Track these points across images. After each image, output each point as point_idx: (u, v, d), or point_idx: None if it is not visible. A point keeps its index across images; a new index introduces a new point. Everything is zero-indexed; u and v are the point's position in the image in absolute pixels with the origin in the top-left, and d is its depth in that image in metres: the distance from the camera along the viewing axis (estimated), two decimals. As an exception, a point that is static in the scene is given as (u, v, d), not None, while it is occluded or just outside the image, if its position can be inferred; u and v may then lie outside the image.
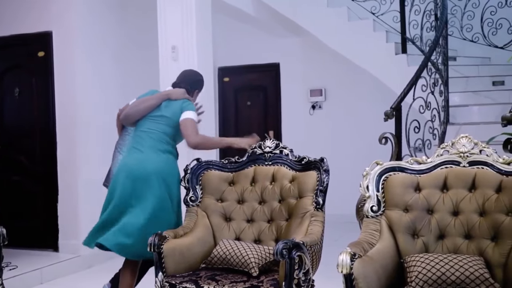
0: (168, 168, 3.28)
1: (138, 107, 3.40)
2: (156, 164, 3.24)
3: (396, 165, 2.78)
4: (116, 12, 5.50)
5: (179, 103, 3.35)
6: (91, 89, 5.21)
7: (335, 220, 4.96)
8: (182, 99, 3.38)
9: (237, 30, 7.08)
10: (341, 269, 2.31)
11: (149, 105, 3.37)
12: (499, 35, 5.50)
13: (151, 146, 3.29)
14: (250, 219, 3.24)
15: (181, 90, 3.43)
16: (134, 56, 5.65)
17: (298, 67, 7.21)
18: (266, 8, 5.96)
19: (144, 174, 3.20)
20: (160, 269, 2.89)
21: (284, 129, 7.34)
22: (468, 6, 5.82)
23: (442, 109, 4.62)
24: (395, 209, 2.67)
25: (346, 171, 5.49)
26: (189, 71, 3.68)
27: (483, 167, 2.63)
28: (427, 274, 2.36)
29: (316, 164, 3.10)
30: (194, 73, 3.66)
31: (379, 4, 5.54)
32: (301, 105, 7.23)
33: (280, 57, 7.32)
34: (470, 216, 2.58)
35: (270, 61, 7.35)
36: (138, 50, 5.68)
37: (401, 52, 5.31)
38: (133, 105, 3.44)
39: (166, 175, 3.25)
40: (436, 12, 5.02)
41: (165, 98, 3.38)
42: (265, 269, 2.88)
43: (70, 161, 5.12)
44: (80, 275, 4.82)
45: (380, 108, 4.14)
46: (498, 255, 2.45)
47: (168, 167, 3.28)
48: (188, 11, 4.57)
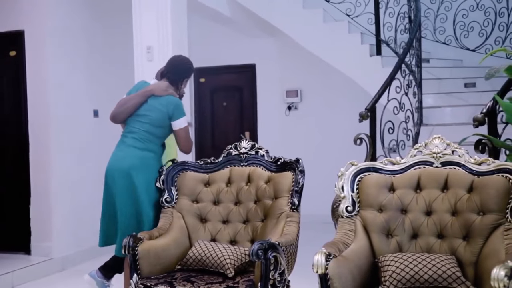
0: (145, 164, 3.29)
1: (123, 106, 3.40)
2: (132, 161, 3.28)
3: (370, 165, 2.81)
4: (90, 11, 5.43)
5: (164, 105, 3.33)
6: (64, 89, 5.13)
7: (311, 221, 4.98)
8: (166, 96, 3.35)
9: (213, 30, 7.07)
10: (316, 269, 2.32)
11: (133, 103, 3.37)
12: (471, 38, 5.61)
13: (131, 145, 3.34)
14: (226, 220, 3.23)
15: (164, 85, 3.40)
16: (109, 55, 5.59)
17: (274, 68, 7.23)
18: (242, 9, 5.96)
19: (122, 172, 3.27)
20: (135, 271, 2.86)
21: (260, 130, 7.34)
22: (440, 9, 5.92)
23: (416, 110, 4.68)
24: (370, 209, 2.70)
25: (322, 171, 5.52)
26: (177, 59, 3.56)
27: (455, 168, 2.67)
28: (400, 273, 2.39)
29: (292, 165, 3.11)
30: (183, 61, 3.54)
31: (354, 6, 5.58)
32: (277, 106, 7.25)
33: (256, 58, 7.33)
34: (443, 215, 2.62)
35: (246, 62, 7.35)
36: (113, 50, 5.62)
37: (376, 54, 5.36)
38: (119, 104, 3.43)
39: (143, 171, 3.27)
40: (410, 15, 5.09)
41: (148, 94, 3.37)
42: (240, 270, 2.88)
43: (43, 162, 5.04)
44: (52, 278, 4.74)
45: (355, 109, 4.18)
46: (470, 254, 2.49)
47: (145, 163, 3.30)
48: (164, 11, 4.54)
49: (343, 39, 5.55)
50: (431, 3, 5.98)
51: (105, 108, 5.50)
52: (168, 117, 3.32)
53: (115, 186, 3.29)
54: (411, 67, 4.68)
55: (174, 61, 3.53)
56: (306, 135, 7.00)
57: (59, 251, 5.00)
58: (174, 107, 3.33)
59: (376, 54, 5.37)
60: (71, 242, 5.11)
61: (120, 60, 5.44)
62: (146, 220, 3.24)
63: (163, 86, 3.39)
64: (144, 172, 3.28)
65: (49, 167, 5.02)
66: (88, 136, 5.34)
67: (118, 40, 5.54)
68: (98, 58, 5.50)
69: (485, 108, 3.28)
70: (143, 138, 3.33)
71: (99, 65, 5.50)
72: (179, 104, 3.36)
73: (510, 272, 2.05)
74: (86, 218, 5.13)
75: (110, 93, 5.56)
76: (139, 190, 3.24)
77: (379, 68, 5.23)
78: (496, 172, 2.54)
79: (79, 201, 5.18)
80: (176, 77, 3.45)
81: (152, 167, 3.32)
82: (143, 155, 3.31)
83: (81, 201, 5.19)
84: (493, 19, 5.43)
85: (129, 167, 3.26)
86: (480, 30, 5.53)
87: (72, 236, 5.13)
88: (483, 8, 5.60)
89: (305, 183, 3.06)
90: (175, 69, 3.48)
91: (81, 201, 5.19)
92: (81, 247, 5.14)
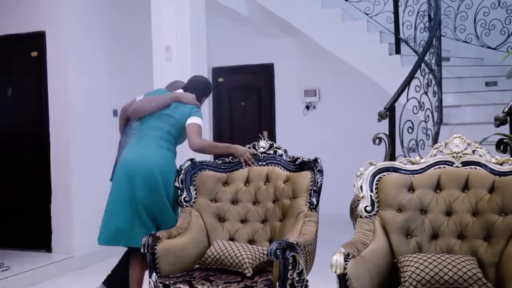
0: (167, 164, 3.32)
1: (148, 104, 3.44)
2: (156, 159, 3.29)
3: (389, 165, 2.79)
4: (109, 12, 5.49)
5: (188, 108, 3.38)
6: (84, 89, 5.20)
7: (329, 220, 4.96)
8: (191, 105, 3.41)
9: (231, 30, 7.08)
10: (335, 269, 2.31)
11: (158, 104, 3.42)
12: (492, 36, 5.53)
13: (153, 143, 3.35)
14: (244, 220, 3.24)
15: (192, 96, 3.46)
16: (128, 56, 5.64)
17: (292, 67, 7.21)
18: (260, 8, 5.96)
19: (146, 168, 3.24)
20: (154, 270, 2.88)
21: (278, 129, 7.34)
22: (461, 7, 5.84)
23: (436, 109, 4.64)
24: (389, 209, 2.68)
25: (340, 171, 5.50)
26: (199, 78, 3.69)
27: (476, 167, 2.64)
28: (420, 274, 2.37)
29: (310, 164, 3.10)
30: (205, 81, 3.68)
31: (372, 5, 5.55)
32: (295, 105, 7.24)
33: (274, 58, 7.33)
34: (463, 216, 2.59)
35: (264, 61, 7.36)
36: (132, 50, 5.67)
37: (395, 53, 5.32)
38: (144, 101, 3.49)
39: (165, 170, 3.28)
40: (429, 13, 5.04)
41: (175, 100, 3.43)
42: (259, 269, 2.88)
43: (63, 161, 5.10)
44: (73, 276, 4.80)
45: (374, 108, 4.15)
46: (491, 254, 2.46)
47: (167, 163, 3.33)
48: (182, 11, 4.56)
49: (361, 38, 5.52)
50: (451, 1, 5.91)
51: (124, 108, 5.57)
52: (188, 117, 3.34)
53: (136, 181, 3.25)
54: (431, 66, 4.63)
55: (198, 80, 3.65)
56: (324, 134, 6.97)
57: (80, 249, 5.06)
58: (196, 110, 3.39)
59: (395, 53, 5.32)
60: (91, 240, 5.10)
61: (139, 60, 5.48)
62: (168, 219, 3.25)
63: (191, 96, 3.45)
64: (167, 171, 3.29)
65: (69, 166, 5.09)
66: (108, 135, 5.38)
67: (137, 40, 5.59)
68: (117, 58, 5.55)
69: (507, 107, 3.23)
70: (164, 137, 3.36)
71: (118, 65, 5.55)
72: (199, 110, 3.42)
73: (532, 273, 2.02)
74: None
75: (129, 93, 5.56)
76: (162, 189, 3.24)
77: (398, 67, 5.19)
78: (518, 172, 2.51)
79: (99, 200, 5.18)
80: (200, 93, 3.53)
81: (172, 166, 3.36)
82: (166, 154, 3.34)
83: (101, 200, 5.20)
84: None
85: (153, 165, 3.25)
86: (502, 28, 5.46)
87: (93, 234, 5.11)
88: (504, 6, 5.53)
89: (324, 183, 3.05)
90: (198, 85, 3.57)
91: (101, 200, 5.20)
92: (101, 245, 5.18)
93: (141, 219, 3.25)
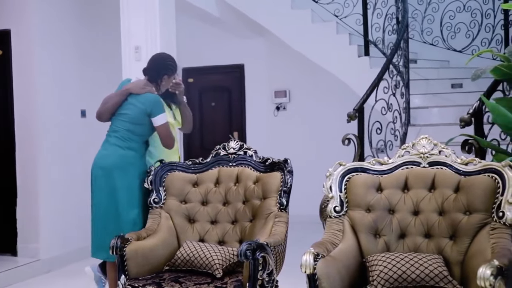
0: (123, 163, 3.31)
1: (105, 105, 3.43)
2: (113, 159, 3.32)
3: (358, 165, 2.82)
4: (78, 11, 5.40)
5: (142, 102, 3.34)
6: (52, 88, 5.10)
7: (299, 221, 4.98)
8: (145, 93, 3.36)
9: (202, 31, 7.06)
10: (304, 269, 2.33)
11: (114, 102, 3.39)
12: (458, 39, 5.65)
13: (114, 144, 3.37)
14: (214, 221, 3.23)
15: (141, 83, 3.42)
16: (97, 55, 5.56)
17: (262, 68, 7.23)
18: (231, 9, 5.96)
19: (104, 170, 3.32)
20: (122, 272, 2.85)
21: (248, 130, 7.34)
22: (428, 10, 5.96)
23: (403, 110, 4.71)
24: (358, 209, 2.71)
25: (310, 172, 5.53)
26: (157, 56, 3.57)
27: (442, 168, 2.69)
28: (388, 273, 2.40)
29: (280, 165, 3.11)
30: (163, 58, 3.53)
31: (342, 7, 5.60)
32: (265, 106, 7.26)
33: (244, 58, 7.33)
34: (430, 215, 2.63)
35: (234, 62, 7.35)
36: (101, 50, 5.58)
37: (364, 55, 5.39)
38: (102, 103, 3.45)
39: (121, 170, 3.29)
40: (397, 16, 5.12)
41: (126, 93, 3.39)
42: (229, 270, 2.88)
43: (30, 162, 5.00)
44: (39, 279, 4.70)
45: (343, 109, 4.19)
46: (456, 253, 2.51)
47: (123, 162, 3.32)
48: (152, 11, 4.52)
49: (331, 39, 5.57)
50: (418, 4, 6.02)
51: (93, 108, 5.43)
52: (146, 114, 3.33)
53: (96, 184, 3.34)
54: (399, 67, 4.71)
55: (154, 58, 3.55)
56: (294, 135, 7.01)
57: (46, 252, 4.96)
58: (152, 104, 3.32)
59: (364, 54, 5.39)
60: (58, 243, 5.07)
61: (108, 60, 5.41)
62: (126, 221, 3.24)
63: (141, 84, 3.40)
64: (125, 171, 3.30)
65: (36, 168, 4.98)
66: (76, 136, 5.31)
67: (106, 40, 5.51)
68: (86, 57, 5.46)
69: (472, 109, 3.31)
70: (125, 136, 3.35)
71: (86, 64, 5.47)
72: (157, 101, 3.35)
73: (496, 271, 2.07)
74: (74, 219, 5.10)
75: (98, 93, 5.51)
76: (119, 189, 3.26)
77: (367, 68, 5.25)
78: (482, 172, 2.56)
79: (66, 202, 5.15)
80: (154, 73, 3.45)
81: (134, 166, 3.33)
82: (125, 153, 3.34)
83: (69, 202, 5.15)
84: (480, 20, 5.48)
85: (111, 166, 3.29)
86: (467, 31, 5.58)
87: (60, 237, 5.09)
88: (469, 10, 5.65)
89: (294, 183, 3.06)
90: (154, 65, 3.48)
91: (69, 202, 5.15)
92: (69, 248, 5.10)
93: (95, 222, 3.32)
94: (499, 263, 2.11)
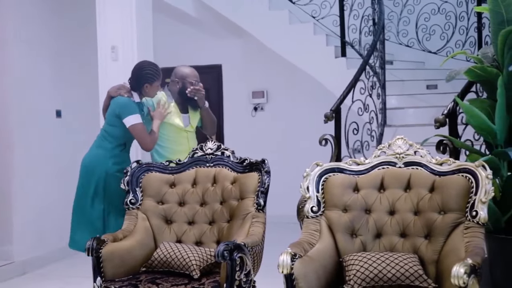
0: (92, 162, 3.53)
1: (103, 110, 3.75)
2: (88, 157, 3.58)
3: (335, 166, 2.84)
4: (53, 8, 5.31)
5: (113, 105, 3.53)
6: (24, 88, 4.99)
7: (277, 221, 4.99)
8: (116, 97, 3.53)
9: (179, 31, 7.01)
10: (281, 270, 2.33)
11: (103, 107, 3.68)
12: (433, 41, 5.73)
13: (94, 143, 3.63)
14: (192, 221, 3.21)
15: (116, 86, 3.58)
16: (73, 55, 5.47)
17: (240, 69, 7.22)
18: (208, 9, 5.94)
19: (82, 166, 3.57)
20: (98, 274, 2.82)
21: (226, 130, 7.33)
22: (404, 12, 6.02)
23: (380, 111, 4.75)
24: (335, 209, 2.73)
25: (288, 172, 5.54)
26: (136, 65, 3.68)
27: (417, 168, 2.72)
28: (364, 272, 2.42)
29: (258, 165, 3.12)
30: (140, 66, 3.64)
31: (319, 8, 5.63)
32: (243, 106, 7.25)
33: (222, 59, 7.31)
34: (405, 215, 2.66)
35: (212, 62, 7.32)
36: (77, 49, 5.50)
37: (341, 56, 5.42)
38: None
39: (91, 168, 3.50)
40: (374, 17, 5.16)
41: (108, 96, 3.60)
42: (206, 271, 2.87)
43: (2, 163, 4.91)
44: (13, 282, 4.62)
45: (320, 110, 4.21)
46: (431, 252, 2.55)
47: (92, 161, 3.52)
48: (128, 11, 4.49)
49: (308, 40, 5.59)
50: (394, 6, 6.09)
51: (68, 108, 5.41)
52: (115, 116, 3.49)
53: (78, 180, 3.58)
54: (375, 69, 4.75)
55: (135, 67, 3.67)
56: (272, 136, 7.01)
57: (20, 254, 4.87)
58: (119, 106, 3.49)
59: (341, 55, 5.42)
60: (33, 245, 4.99)
61: (84, 60, 5.35)
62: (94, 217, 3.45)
63: (116, 87, 3.57)
64: (93, 169, 3.48)
65: (9, 168, 4.89)
66: (51, 136, 5.23)
67: (83, 39, 5.43)
68: (61, 56, 5.37)
69: (446, 110, 3.36)
70: (101, 136, 3.60)
71: (62, 64, 5.38)
72: (125, 103, 3.49)
73: (469, 269, 2.11)
74: (49, 220, 5.03)
75: (73, 93, 5.47)
76: (87, 187, 3.47)
77: (344, 69, 5.29)
78: (457, 172, 2.60)
79: (42, 202, 5.07)
80: (134, 83, 3.60)
81: (101, 165, 3.48)
82: (96, 153, 3.54)
83: (44, 202, 5.08)
84: (454, 22, 5.56)
85: (85, 164, 3.55)
86: (442, 33, 5.66)
87: (34, 238, 5.01)
88: (444, 12, 5.73)
89: (271, 184, 3.07)
90: (133, 75, 3.63)
91: (44, 202, 5.08)
92: (44, 250, 5.02)
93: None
94: (473, 261, 2.15)
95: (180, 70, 3.86)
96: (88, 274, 3.21)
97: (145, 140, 3.50)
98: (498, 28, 3.00)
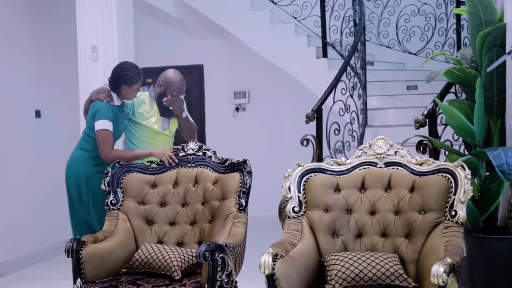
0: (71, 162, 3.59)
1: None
2: (70, 160, 3.63)
3: (317, 166, 2.85)
4: (33, 7, 5.24)
5: (91, 108, 3.55)
6: (4, 89, 4.92)
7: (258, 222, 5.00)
8: (95, 101, 3.54)
9: (160, 31, 6.98)
10: (263, 270, 2.34)
11: (84, 109, 3.70)
12: (413, 42, 5.79)
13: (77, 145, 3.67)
14: (173, 222, 3.20)
15: (97, 89, 3.58)
16: (52, 54, 5.41)
17: (222, 69, 7.21)
18: (189, 9, 5.92)
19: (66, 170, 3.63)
20: (78, 275, 2.79)
21: (208, 131, 7.31)
22: (384, 14, 6.07)
23: (361, 112, 4.78)
24: (316, 209, 2.74)
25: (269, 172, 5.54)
26: (117, 66, 3.66)
27: (398, 168, 2.75)
28: (345, 272, 2.44)
29: (239, 166, 3.12)
30: (119, 67, 3.61)
31: (301, 9, 5.65)
32: (225, 107, 7.24)
33: (203, 59, 7.28)
34: (386, 215, 2.69)
35: (193, 62, 7.29)
36: (57, 49, 5.43)
37: (322, 56, 5.44)
38: None
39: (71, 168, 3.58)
40: (354, 18, 5.19)
41: (89, 99, 3.61)
42: (188, 272, 2.86)
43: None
44: (-9, 284, 4.57)
45: (302, 110, 4.23)
46: (411, 251, 2.57)
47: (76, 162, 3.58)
48: (109, 10, 4.45)
49: (290, 41, 5.61)
50: (375, 7, 6.13)
51: (48, 109, 5.34)
52: (93, 119, 3.51)
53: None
54: (356, 69, 4.78)
55: (114, 68, 3.64)
56: (254, 136, 7.01)
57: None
58: (94, 109, 3.51)
59: (322, 56, 5.44)
60: (11, 246, 4.91)
61: (64, 59, 5.29)
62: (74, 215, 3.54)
63: (95, 90, 3.58)
64: (76, 171, 3.53)
65: (-13, 169, 4.82)
66: (30, 137, 5.16)
67: (62, 38, 5.37)
68: (40, 56, 5.31)
69: (426, 110, 3.40)
70: (82, 137, 3.65)
71: (42, 64, 5.31)
72: (100, 108, 3.50)
73: (448, 268, 2.13)
74: (28, 221, 4.97)
75: (53, 93, 5.40)
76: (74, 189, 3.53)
77: (325, 70, 5.31)
78: (436, 172, 2.63)
79: (21, 203, 5.00)
80: (113, 84, 3.56)
81: (80, 165, 3.53)
82: (76, 153, 3.61)
83: (23, 203, 5.01)
84: (433, 24, 5.62)
85: (69, 166, 3.60)
86: (421, 34, 5.72)
87: (13, 240, 4.94)
88: (424, 14, 5.79)
89: (253, 184, 3.07)
90: (112, 76, 3.59)
91: (23, 203, 5.01)
92: (23, 252, 4.96)
93: None
94: (452, 260, 2.18)
95: (167, 75, 3.72)
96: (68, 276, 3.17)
97: (104, 150, 3.42)
98: (476, 30, 3.04)
